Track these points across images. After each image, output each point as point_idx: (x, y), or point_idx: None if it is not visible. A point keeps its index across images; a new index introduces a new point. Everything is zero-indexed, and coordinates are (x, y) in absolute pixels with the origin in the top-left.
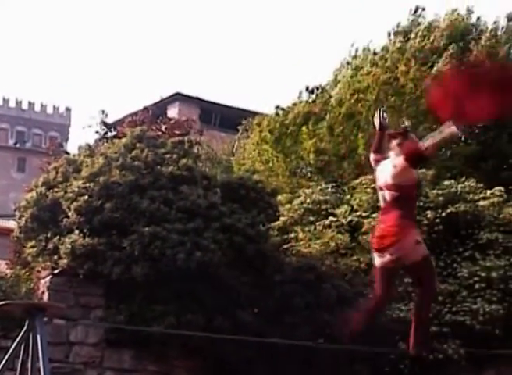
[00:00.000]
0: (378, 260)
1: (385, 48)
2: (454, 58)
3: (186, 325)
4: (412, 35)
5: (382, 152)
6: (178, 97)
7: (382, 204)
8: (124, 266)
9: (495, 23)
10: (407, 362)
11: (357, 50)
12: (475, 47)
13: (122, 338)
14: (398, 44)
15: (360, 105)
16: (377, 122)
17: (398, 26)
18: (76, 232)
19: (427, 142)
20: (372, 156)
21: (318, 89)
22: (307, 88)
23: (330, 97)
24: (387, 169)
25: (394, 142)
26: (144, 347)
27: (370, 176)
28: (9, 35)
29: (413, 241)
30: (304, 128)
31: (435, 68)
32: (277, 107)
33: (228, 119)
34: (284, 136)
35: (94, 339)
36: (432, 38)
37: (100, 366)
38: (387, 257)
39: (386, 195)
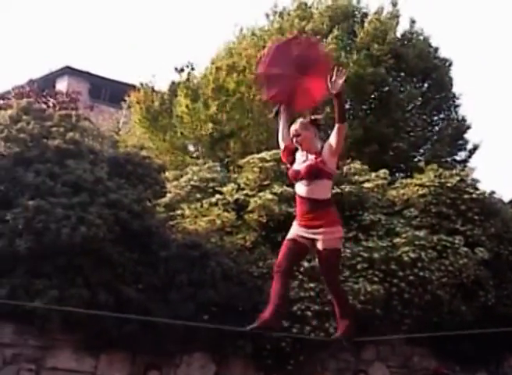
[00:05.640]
0: None
1: (263, 29)
2: (340, 40)
3: (70, 299)
4: (286, 17)
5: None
6: (67, 70)
7: None
8: (7, 240)
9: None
10: (288, 340)
11: (241, 30)
12: (359, 30)
13: (4, 312)
14: (276, 25)
15: (242, 85)
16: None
17: (275, 6)
18: None
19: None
20: None
21: (187, 66)
22: (176, 68)
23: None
24: None
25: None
26: (26, 321)
27: (257, 156)
28: None
29: None
30: (181, 107)
31: None
32: (146, 85)
33: (117, 94)
34: (160, 114)
35: None
36: (313, 19)
37: None
38: None
39: None
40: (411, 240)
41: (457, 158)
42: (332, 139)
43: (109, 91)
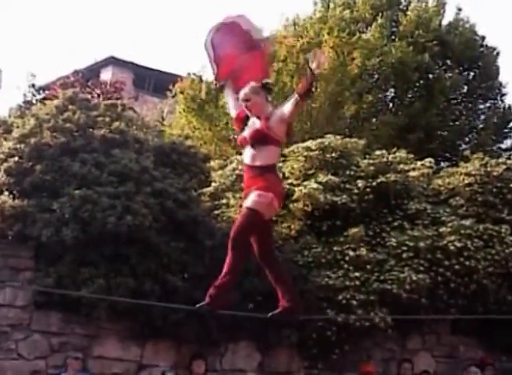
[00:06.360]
0: None
1: (305, 18)
2: (383, 27)
3: (116, 288)
4: (332, 5)
5: None
6: (112, 61)
7: None
8: (54, 229)
9: None
10: (334, 329)
11: (287, 19)
12: (403, 18)
13: (51, 301)
14: (318, 14)
15: (283, 74)
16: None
17: None
18: (6, 193)
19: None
20: None
21: None
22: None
23: None
24: None
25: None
26: (73, 310)
27: (302, 145)
28: None
29: None
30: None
31: (362, 37)
32: (194, 74)
33: (161, 84)
34: (207, 104)
35: (22, 301)
36: (354, 8)
37: (28, 329)
38: None
39: None
40: (457, 229)
41: (503, 146)
42: (287, 108)
43: (153, 81)
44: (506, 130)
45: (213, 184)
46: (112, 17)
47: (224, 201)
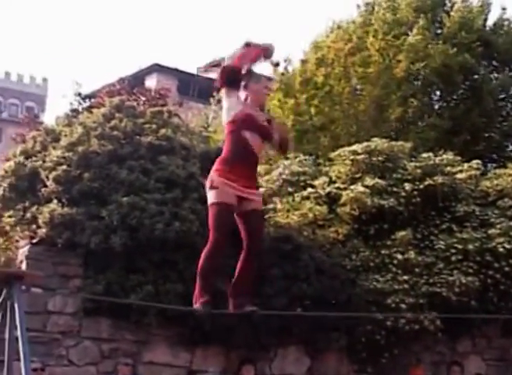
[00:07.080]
0: None
1: (348, 22)
2: (426, 29)
3: (165, 294)
4: (376, 8)
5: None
6: (156, 68)
7: None
8: (102, 236)
9: None
10: (383, 333)
11: (333, 23)
12: (447, 19)
13: (101, 308)
14: (360, 19)
15: (331, 77)
16: None
17: None
18: (55, 201)
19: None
20: None
21: (285, 61)
22: (272, 63)
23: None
24: None
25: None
26: (122, 316)
27: (348, 148)
28: None
29: None
30: (273, 101)
31: (407, 41)
32: None
33: (206, 90)
34: None
35: (72, 308)
36: (397, 10)
37: (78, 336)
38: None
39: None
40: (506, 230)
41: None
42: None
43: (197, 87)
44: None
45: (260, 189)
46: (155, 25)
47: (271, 206)
